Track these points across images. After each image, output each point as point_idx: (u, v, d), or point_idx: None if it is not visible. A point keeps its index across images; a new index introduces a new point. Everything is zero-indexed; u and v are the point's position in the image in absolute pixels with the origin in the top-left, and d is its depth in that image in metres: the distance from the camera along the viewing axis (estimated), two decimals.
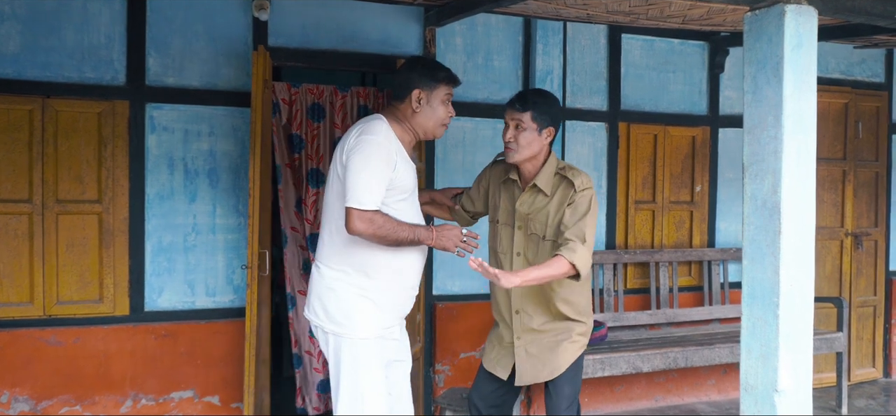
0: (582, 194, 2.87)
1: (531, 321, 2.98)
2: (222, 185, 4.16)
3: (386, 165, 2.67)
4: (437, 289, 4.64)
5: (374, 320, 2.77)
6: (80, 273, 3.93)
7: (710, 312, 5.22)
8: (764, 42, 2.73)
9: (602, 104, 5.00)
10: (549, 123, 2.94)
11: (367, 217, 2.62)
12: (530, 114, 2.91)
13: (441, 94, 2.84)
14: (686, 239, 5.29)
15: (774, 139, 2.70)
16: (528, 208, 2.95)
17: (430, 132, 2.86)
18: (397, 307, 2.87)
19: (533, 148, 2.93)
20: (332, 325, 2.80)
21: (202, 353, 4.12)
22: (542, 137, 2.93)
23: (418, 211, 2.92)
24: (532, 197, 2.96)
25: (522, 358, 2.99)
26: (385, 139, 2.70)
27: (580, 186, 2.88)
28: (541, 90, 3.08)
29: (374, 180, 2.64)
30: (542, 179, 2.94)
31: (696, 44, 5.23)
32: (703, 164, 5.30)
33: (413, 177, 2.84)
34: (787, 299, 2.69)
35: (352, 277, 2.77)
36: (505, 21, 4.70)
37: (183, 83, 4.07)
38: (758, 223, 2.76)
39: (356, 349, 2.74)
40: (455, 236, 2.79)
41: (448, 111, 2.87)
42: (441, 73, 2.85)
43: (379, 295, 2.78)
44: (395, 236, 2.68)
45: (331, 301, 2.79)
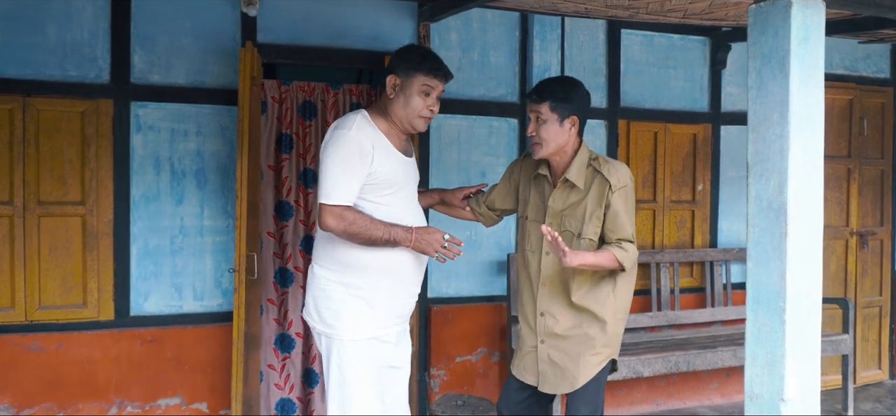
0: (619, 193, 2.72)
1: (556, 326, 2.82)
2: (210, 186, 4.04)
3: (358, 159, 2.57)
4: (433, 291, 4.52)
5: (365, 321, 2.66)
6: (63, 277, 3.81)
7: (712, 314, 5.10)
8: (769, 35, 2.62)
9: (601, 101, 4.88)
10: (570, 112, 2.77)
11: (337, 213, 2.55)
12: (548, 104, 2.74)
13: (418, 83, 2.67)
14: (687, 239, 5.17)
15: (780, 137, 2.58)
16: (562, 205, 2.80)
17: (407, 123, 2.70)
18: (394, 309, 2.74)
19: (558, 140, 2.76)
20: (322, 326, 2.73)
21: (190, 359, 4.00)
22: (564, 127, 2.76)
23: (412, 207, 2.79)
24: (565, 193, 2.80)
25: (545, 364, 2.85)
26: (357, 132, 2.59)
27: (617, 184, 2.72)
28: (561, 77, 2.93)
29: (345, 175, 2.55)
30: (574, 173, 2.77)
31: (697, 39, 5.11)
32: (704, 162, 5.18)
33: (403, 171, 2.72)
34: (793, 303, 2.57)
35: (342, 276, 2.67)
36: (501, 16, 4.58)
37: (169, 81, 3.95)
38: (763, 225, 2.64)
39: (345, 350, 2.65)
40: (436, 240, 2.65)
41: (426, 103, 2.68)
42: (419, 61, 2.68)
43: (372, 295, 2.67)
44: (368, 234, 2.58)
45: (321, 301, 2.72)
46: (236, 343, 3.65)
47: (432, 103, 2.70)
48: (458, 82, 4.53)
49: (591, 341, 2.78)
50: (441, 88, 2.73)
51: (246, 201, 3.64)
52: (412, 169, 2.83)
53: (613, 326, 2.81)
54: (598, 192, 2.73)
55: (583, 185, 2.76)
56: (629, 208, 2.73)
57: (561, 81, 2.85)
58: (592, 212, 2.72)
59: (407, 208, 2.73)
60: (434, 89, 2.70)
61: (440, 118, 4.49)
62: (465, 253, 4.53)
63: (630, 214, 2.73)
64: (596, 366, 2.77)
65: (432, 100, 2.70)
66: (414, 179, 2.85)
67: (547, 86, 2.78)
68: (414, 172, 2.86)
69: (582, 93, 2.83)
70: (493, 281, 4.61)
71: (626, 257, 2.69)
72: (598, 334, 2.78)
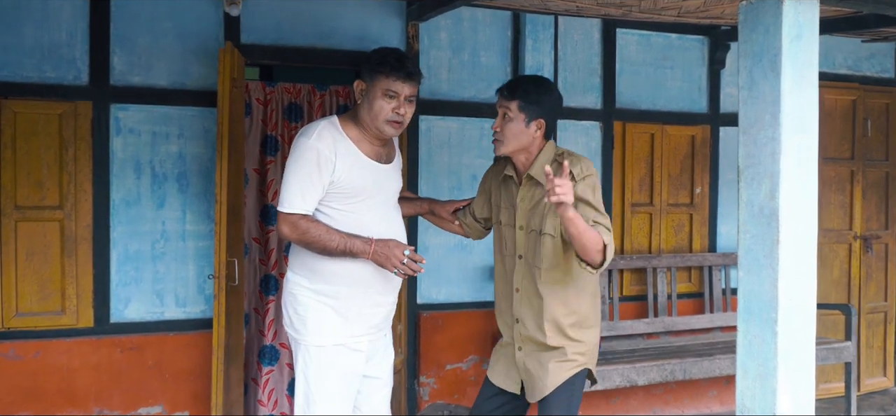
0: (584, 182, 2.57)
1: (527, 332, 2.72)
2: (192, 189, 3.95)
3: (316, 167, 2.50)
4: (422, 297, 4.42)
5: (333, 328, 2.60)
6: (40, 284, 3.73)
7: (711, 320, 4.98)
8: (760, 33, 2.50)
9: (596, 102, 4.76)
10: (538, 115, 2.65)
11: (291, 221, 2.51)
12: (517, 103, 2.63)
13: (380, 87, 2.56)
14: (685, 243, 5.05)
15: (772, 139, 2.47)
16: (530, 203, 2.69)
17: (375, 128, 2.59)
18: (364, 318, 2.66)
19: (520, 141, 2.65)
20: (292, 330, 2.70)
21: (171, 366, 3.91)
22: (530, 129, 2.65)
23: (383, 217, 2.68)
24: (531, 190, 2.70)
25: (523, 371, 2.75)
26: (317, 140, 2.51)
27: (580, 174, 2.57)
28: (536, 77, 2.79)
29: (302, 184, 2.50)
30: (537, 169, 2.66)
31: (695, 38, 4.99)
32: (703, 164, 5.06)
33: (373, 179, 2.62)
34: (786, 314, 2.46)
35: (311, 282, 2.62)
36: (492, 16, 4.47)
37: (150, 83, 3.86)
38: (754, 232, 2.52)
39: (309, 356, 2.60)
40: (396, 254, 2.54)
41: (390, 106, 2.55)
42: (379, 62, 2.56)
43: (340, 303, 2.61)
44: (323, 244, 2.51)
45: (291, 306, 2.68)
46: (216, 352, 3.56)
47: (399, 107, 2.57)
48: (448, 83, 4.44)
49: (563, 350, 2.67)
50: (408, 91, 2.59)
51: (226, 205, 3.54)
52: (388, 177, 2.72)
53: (583, 333, 2.70)
54: None
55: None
56: (598, 198, 2.60)
57: (535, 81, 2.74)
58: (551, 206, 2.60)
59: (376, 218, 2.63)
60: (399, 92, 2.57)
61: (430, 120, 4.39)
62: (457, 258, 4.46)
63: (600, 202, 2.60)
64: (565, 372, 2.66)
65: (399, 103, 2.57)
66: (389, 188, 2.75)
67: (519, 84, 2.69)
68: (390, 179, 2.74)
69: (554, 97, 2.73)
70: (484, 287, 4.50)
71: (609, 240, 2.51)
72: (566, 341, 2.67)
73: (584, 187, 2.57)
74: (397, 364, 4.24)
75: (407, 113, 2.61)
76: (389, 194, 2.74)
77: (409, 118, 2.64)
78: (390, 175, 2.74)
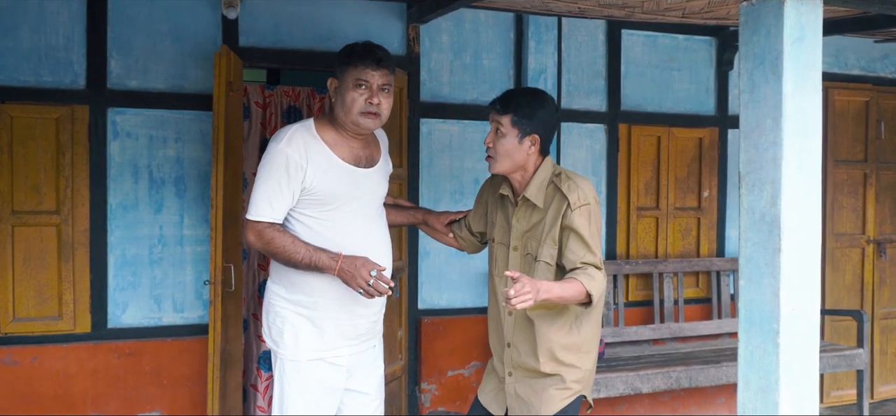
0: (579, 212, 2.47)
1: (520, 358, 2.60)
2: (190, 194, 3.92)
3: (284, 174, 2.40)
4: (423, 303, 4.36)
5: (309, 342, 2.51)
6: (37, 289, 3.70)
7: (718, 326, 4.89)
8: (762, 35, 2.43)
9: (600, 105, 4.69)
10: (532, 130, 2.53)
11: (257, 230, 2.43)
12: (510, 117, 2.52)
13: (349, 77, 2.46)
14: (693, 248, 4.96)
15: (773, 144, 2.39)
16: (526, 226, 2.58)
17: (351, 125, 2.48)
18: (343, 330, 2.55)
19: (514, 159, 2.54)
20: (270, 341, 2.62)
21: (169, 372, 3.88)
22: (523, 145, 2.53)
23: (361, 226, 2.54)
24: (528, 212, 2.58)
25: (512, 397, 2.63)
26: (286, 145, 2.42)
27: (576, 203, 2.47)
28: (531, 90, 2.67)
29: (269, 191, 2.42)
30: (533, 191, 2.55)
31: (702, 39, 4.91)
32: (710, 167, 4.96)
33: (351, 184, 2.50)
34: (788, 324, 2.39)
35: (289, 292, 2.54)
36: (494, 17, 4.41)
37: (147, 86, 3.83)
38: (755, 239, 2.45)
39: (285, 370, 2.53)
40: (362, 274, 2.40)
41: (363, 96, 2.44)
42: (347, 54, 2.48)
43: (317, 314, 2.52)
44: (288, 255, 2.42)
45: (269, 316, 2.60)
46: (212, 359, 3.52)
47: (372, 96, 2.45)
48: (449, 86, 4.38)
49: (561, 378, 2.55)
50: (380, 79, 2.47)
51: (222, 210, 3.51)
52: (368, 182, 2.59)
53: (580, 359, 2.58)
54: (555, 210, 2.51)
55: (543, 203, 2.55)
56: (593, 229, 2.49)
57: (532, 94, 2.62)
58: (548, 232, 2.50)
59: (352, 227, 2.51)
60: (370, 81, 2.45)
61: (430, 123, 4.33)
62: (459, 262, 4.40)
63: (595, 236, 2.49)
64: (561, 401, 2.55)
65: (372, 93, 2.45)
66: (369, 193, 2.60)
67: (512, 97, 2.57)
68: (371, 185, 2.60)
69: (549, 111, 2.60)
70: (487, 292, 4.43)
71: (594, 287, 2.42)
72: (562, 368, 2.56)
73: (579, 217, 2.46)
74: (398, 370, 4.19)
75: (382, 103, 2.48)
76: (369, 201, 2.61)
77: (387, 110, 2.51)
78: (371, 180, 2.61)
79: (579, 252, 2.45)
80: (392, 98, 2.55)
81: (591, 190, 2.54)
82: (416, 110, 4.28)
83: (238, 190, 3.80)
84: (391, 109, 2.57)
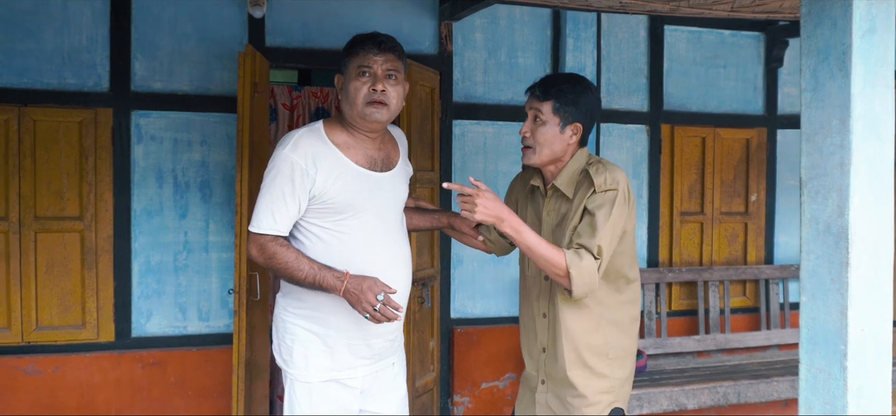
0: (601, 196, 2.25)
1: (555, 366, 2.39)
2: (216, 199, 3.81)
3: (289, 182, 2.20)
4: (456, 311, 4.20)
5: (319, 361, 2.31)
6: (61, 296, 3.62)
7: (767, 337, 4.64)
8: (826, 27, 2.20)
9: (642, 104, 4.48)
10: (575, 118, 2.32)
11: (259, 243, 2.23)
12: (551, 104, 2.31)
13: (353, 66, 2.26)
14: (740, 254, 4.72)
15: (840, 148, 2.17)
16: (556, 218, 2.38)
17: (359, 119, 2.28)
18: (356, 349, 2.34)
19: (553, 148, 2.32)
20: (279, 358, 2.41)
21: (194, 383, 3.77)
22: (565, 134, 2.32)
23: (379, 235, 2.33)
24: (557, 204, 2.38)
25: (542, 407, 2.43)
26: (292, 150, 2.21)
27: (601, 186, 2.26)
28: (573, 75, 2.43)
29: (271, 201, 2.21)
30: (563, 180, 2.35)
31: (750, 35, 4.66)
32: (759, 169, 4.72)
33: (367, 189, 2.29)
34: (856, 347, 2.16)
35: (298, 307, 2.33)
36: (530, 14, 4.22)
37: (172, 88, 3.73)
38: (819, 252, 2.23)
39: (294, 391, 2.33)
40: (368, 297, 2.19)
41: (367, 84, 2.24)
42: (349, 46, 2.30)
43: (327, 332, 2.31)
44: (291, 272, 2.22)
45: (278, 333, 2.40)
46: (236, 370, 3.39)
47: (376, 83, 2.24)
48: (483, 86, 4.21)
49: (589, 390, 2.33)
50: (384, 64, 2.26)
51: (246, 216, 3.37)
52: (387, 186, 2.37)
53: (610, 367, 2.37)
54: (580, 196, 2.30)
55: (572, 193, 2.34)
56: (611, 218, 2.23)
57: (572, 80, 2.40)
58: (570, 222, 2.29)
59: (368, 238, 2.29)
60: (372, 67, 2.25)
61: (464, 125, 4.17)
62: (493, 268, 4.22)
63: (611, 225, 2.23)
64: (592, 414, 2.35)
65: (376, 80, 2.25)
66: (388, 200, 2.38)
67: (554, 82, 2.35)
68: (389, 190, 2.38)
69: (593, 98, 2.39)
70: None
71: (577, 266, 2.17)
72: (589, 377, 2.34)
73: (599, 201, 2.24)
74: (430, 382, 4.03)
75: (390, 91, 2.26)
76: (388, 208, 2.38)
77: (396, 99, 2.29)
78: (390, 185, 2.39)
79: (582, 233, 2.23)
80: (401, 88, 2.32)
81: (622, 178, 2.32)
82: (449, 111, 4.11)
83: None
84: (402, 100, 2.35)
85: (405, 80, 2.36)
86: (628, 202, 2.31)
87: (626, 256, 2.38)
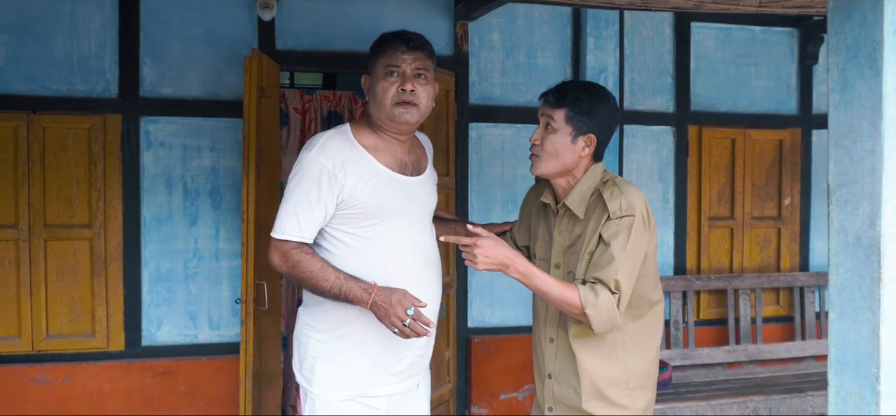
0: (619, 223, 2.10)
1: (562, 392, 2.24)
2: (226, 205, 3.74)
3: (316, 186, 2.09)
4: (473, 320, 4.07)
5: (341, 379, 2.20)
6: (71, 305, 3.59)
7: (802, 348, 4.42)
8: (855, 23, 2.03)
9: (668, 105, 4.30)
10: (589, 128, 2.16)
11: (282, 250, 2.11)
12: (564, 112, 2.15)
13: (381, 66, 2.16)
14: (772, 261, 4.51)
15: (871, 153, 1.99)
16: (568, 239, 2.22)
17: (387, 121, 2.17)
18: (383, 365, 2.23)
19: (562, 159, 2.17)
20: (299, 375, 2.30)
21: (204, 393, 3.71)
22: (577, 145, 2.16)
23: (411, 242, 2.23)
24: (570, 224, 2.22)
25: None
26: (318, 153, 2.11)
27: (616, 212, 2.10)
28: (591, 84, 2.29)
29: (296, 205, 2.10)
30: (574, 199, 2.19)
31: (782, 31, 4.45)
32: (792, 172, 4.50)
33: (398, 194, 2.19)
34: (890, 369, 1.98)
35: (320, 321, 2.22)
36: (550, 13, 4.08)
37: (181, 93, 3.67)
38: (849, 266, 2.05)
39: (316, 409, 2.21)
40: (398, 312, 2.08)
41: (393, 83, 2.14)
42: (375, 46, 2.21)
43: (351, 346, 2.20)
44: (315, 282, 2.10)
45: (299, 348, 2.29)
46: (244, 381, 3.31)
47: (405, 83, 2.14)
48: (501, 87, 4.08)
49: None
50: (413, 63, 2.16)
51: (254, 224, 3.29)
52: (419, 191, 2.27)
53: (630, 398, 2.21)
54: (595, 222, 2.14)
55: (584, 214, 2.19)
56: (629, 247, 2.09)
57: (589, 88, 2.24)
58: (586, 247, 2.14)
59: (398, 245, 2.19)
60: (400, 66, 2.14)
61: (480, 128, 4.04)
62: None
63: (629, 255, 2.09)
64: None
65: (404, 79, 2.14)
66: (420, 205, 2.29)
67: (570, 90, 2.19)
68: (421, 195, 2.29)
69: (610, 109, 2.23)
70: None
71: (593, 305, 2.03)
72: (609, 408, 2.18)
73: (614, 229, 2.09)
74: (446, 394, 3.91)
75: (419, 91, 2.16)
76: (418, 214, 2.28)
77: (426, 99, 2.19)
78: (420, 189, 2.28)
79: (598, 266, 2.09)
80: (431, 88, 2.22)
81: (639, 201, 2.16)
82: (465, 114, 3.99)
83: (274, 201, 3.58)
84: (432, 100, 2.25)
85: (435, 80, 2.26)
86: (648, 225, 2.15)
87: (648, 279, 2.21)
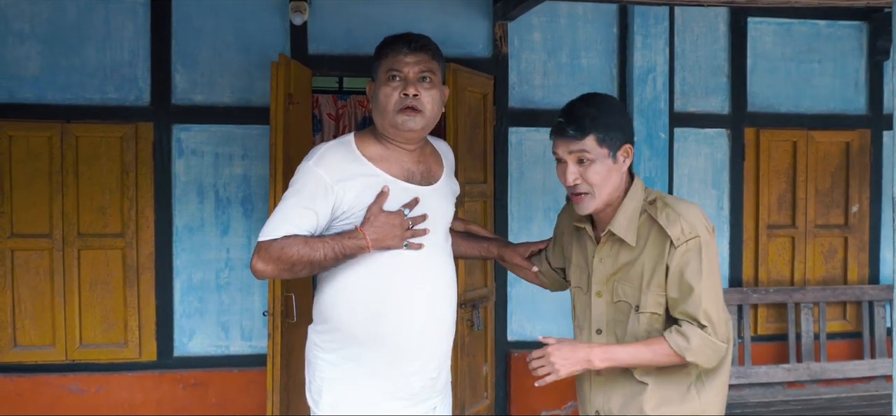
0: (685, 249, 1.92)
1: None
2: (258, 214, 3.67)
3: (309, 197, 1.98)
4: (513, 334, 3.91)
5: (348, 404, 2.07)
6: (103, 314, 3.58)
7: (872, 367, 4.10)
8: None
9: (722, 106, 4.05)
10: (622, 139, 1.98)
11: (263, 248, 1.98)
12: (594, 138, 1.95)
13: (383, 71, 2.04)
14: (838, 273, 4.20)
15: None
16: (612, 267, 2.04)
17: (391, 128, 2.05)
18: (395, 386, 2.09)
19: (612, 183, 1.98)
20: (308, 396, 2.19)
21: (236, 405, 3.65)
22: (618, 163, 1.97)
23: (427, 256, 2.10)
24: (614, 250, 2.03)
25: None
26: (316, 163, 2.01)
27: (679, 239, 1.92)
28: (593, 96, 2.07)
29: (285, 212, 2.00)
30: (621, 224, 1.99)
31: (849, 25, 4.15)
32: (860, 176, 4.19)
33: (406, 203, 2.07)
34: None
35: (327, 342, 2.10)
36: (594, 10, 3.88)
37: (213, 100, 3.63)
38: None
39: None
40: (395, 226, 2.01)
41: (395, 88, 2.03)
42: (378, 49, 2.09)
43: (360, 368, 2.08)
44: (307, 259, 1.96)
45: (309, 370, 2.18)
46: (271, 396, 3.22)
47: (407, 87, 2.01)
48: (543, 89, 3.91)
49: None
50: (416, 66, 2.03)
51: None
52: (429, 202, 2.12)
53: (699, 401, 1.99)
54: (656, 249, 1.94)
55: (635, 240, 2.01)
56: (705, 271, 1.91)
57: (599, 101, 2.02)
58: (651, 277, 1.94)
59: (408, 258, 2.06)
60: (402, 69, 2.02)
61: (521, 132, 3.88)
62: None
63: (708, 278, 1.91)
64: None
65: (407, 83, 2.02)
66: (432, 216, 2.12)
67: (585, 114, 1.96)
68: (433, 206, 2.13)
69: (623, 108, 2.10)
70: None
71: (689, 351, 1.87)
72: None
73: (684, 258, 1.90)
74: (483, 410, 3.75)
75: (424, 96, 2.03)
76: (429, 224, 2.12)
77: (430, 105, 2.05)
78: (432, 200, 2.14)
79: (683, 301, 1.91)
80: (438, 92, 2.09)
81: (699, 218, 1.95)
82: (504, 118, 3.83)
83: None
84: (439, 106, 2.10)
85: (443, 83, 2.12)
86: (714, 238, 1.97)
87: None
